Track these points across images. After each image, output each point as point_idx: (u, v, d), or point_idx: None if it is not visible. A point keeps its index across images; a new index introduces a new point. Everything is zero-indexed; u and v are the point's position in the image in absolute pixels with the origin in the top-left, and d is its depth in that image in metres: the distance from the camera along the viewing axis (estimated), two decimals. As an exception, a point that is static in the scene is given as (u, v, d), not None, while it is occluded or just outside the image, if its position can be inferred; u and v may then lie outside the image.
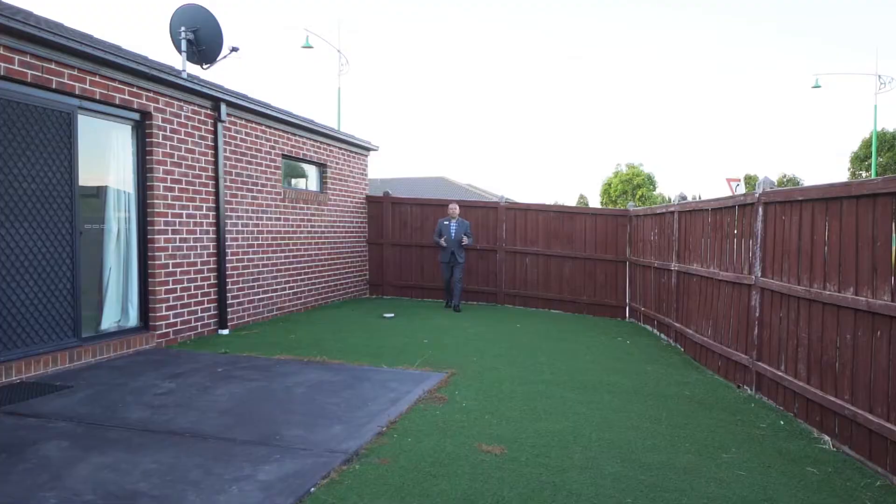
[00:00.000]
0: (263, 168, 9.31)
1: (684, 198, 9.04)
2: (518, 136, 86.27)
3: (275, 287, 9.62)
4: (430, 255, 12.59)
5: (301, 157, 10.45)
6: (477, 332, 8.85)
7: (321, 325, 9.01)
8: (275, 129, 9.60)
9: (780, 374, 5.81)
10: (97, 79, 6.38)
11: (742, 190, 15.17)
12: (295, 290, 10.21)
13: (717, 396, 6.15)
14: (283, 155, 9.92)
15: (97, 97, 6.39)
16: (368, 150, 12.94)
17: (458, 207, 11.38)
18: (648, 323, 10.38)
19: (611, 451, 4.34)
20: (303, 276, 10.44)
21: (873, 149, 31.22)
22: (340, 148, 11.82)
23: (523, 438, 4.48)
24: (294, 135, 10.18)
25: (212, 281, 8.16)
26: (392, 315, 10.09)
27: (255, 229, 9.12)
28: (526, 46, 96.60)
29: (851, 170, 41.39)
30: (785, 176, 46.15)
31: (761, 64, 72.76)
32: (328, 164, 11.37)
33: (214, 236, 8.18)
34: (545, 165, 75.17)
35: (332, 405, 5.09)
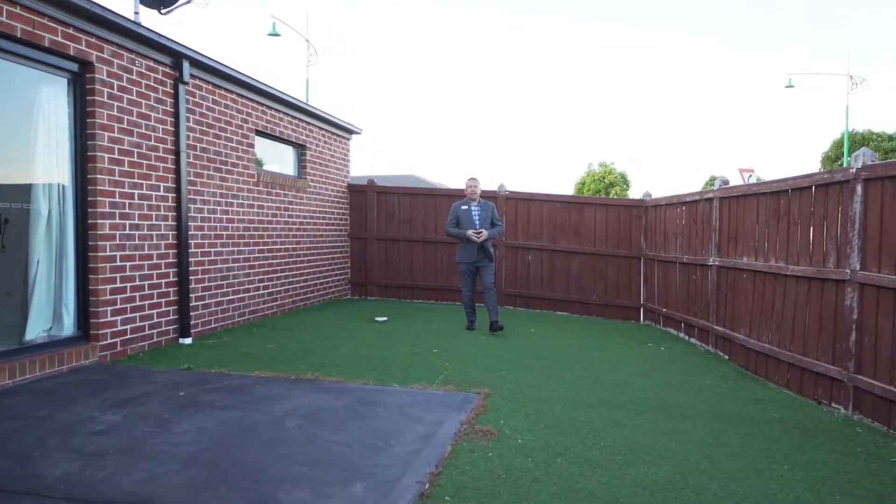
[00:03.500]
0: (234, 145, 7.81)
1: (726, 182, 7.86)
2: (488, 136, 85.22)
3: (247, 286, 8.13)
4: (420, 251, 11.22)
5: (277, 135, 8.96)
6: (491, 340, 7.50)
7: (304, 332, 7.55)
8: (247, 99, 8.11)
9: (898, 391, 4.61)
10: (17, 10, 4.84)
11: (755, 180, 14.21)
12: (270, 291, 8.72)
13: (811, 419, 4.94)
14: (256, 131, 8.42)
15: (18, 34, 4.85)
16: (351, 132, 11.49)
17: (479, 185, 8.52)
18: (672, 326, 9.18)
19: (753, 513, 3.05)
20: (279, 274, 8.95)
21: (845, 149, 30.82)
22: (321, 128, 10.35)
23: (627, 498, 3.14)
24: (270, 108, 8.69)
25: (171, 278, 6.64)
26: (385, 319, 8.68)
27: (225, 217, 7.61)
28: (496, 45, 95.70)
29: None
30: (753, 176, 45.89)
31: (733, 64, 73.05)
32: (308, 145, 9.89)
33: (174, 223, 6.66)
34: (515, 166, 74.23)
35: (341, 446, 3.68)
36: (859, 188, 5.15)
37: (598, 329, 9.06)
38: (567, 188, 41.75)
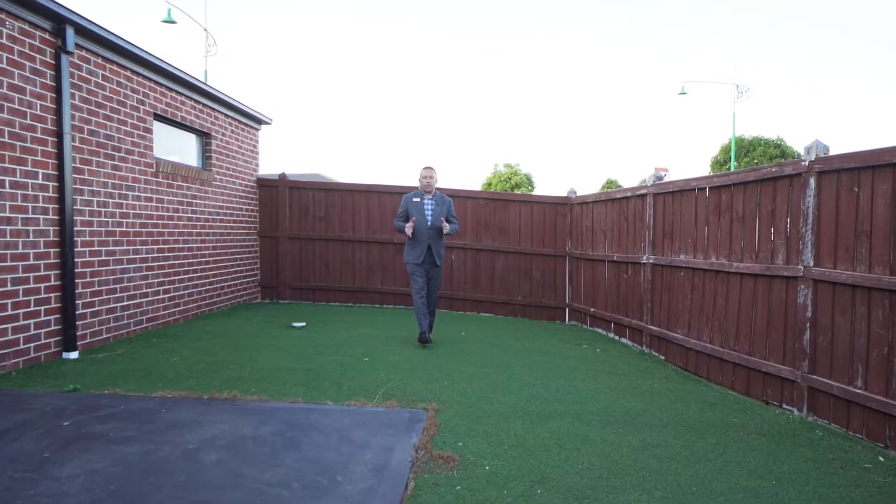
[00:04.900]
0: (129, 129, 6.83)
1: (660, 177, 7.69)
2: (395, 137, 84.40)
3: (145, 290, 7.14)
4: (337, 250, 10.49)
5: (179, 120, 7.99)
6: (422, 346, 6.93)
7: (214, 342, 6.69)
8: (144, 77, 7.12)
9: (857, 391, 4.45)
10: None
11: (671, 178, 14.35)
12: (172, 295, 7.74)
13: (770, 423, 4.72)
14: (155, 115, 7.44)
15: None
16: (261, 122, 10.57)
17: (436, 176, 7.34)
18: (601, 326, 8.96)
19: (771, 547, 2.66)
20: (182, 276, 7.99)
21: (732, 154, 32.56)
22: (228, 116, 9.41)
23: (629, 536, 2.68)
24: (171, 90, 7.72)
25: (52, 282, 5.64)
26: (303, 324, 7.92)
27: (118, 211, 6.62)
28: (404, 43, 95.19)
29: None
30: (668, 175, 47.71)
31: (633, 71, 76.04)
32: (213, 134, 8.94)
33: (56, 217, 5.66)
34: (422, 166, 73.79)
35: (276, 487, 3.00)
36: (812, 181, 4.98)
37: (528, 331, 8.69)
38: (475, 188, 41.77)
